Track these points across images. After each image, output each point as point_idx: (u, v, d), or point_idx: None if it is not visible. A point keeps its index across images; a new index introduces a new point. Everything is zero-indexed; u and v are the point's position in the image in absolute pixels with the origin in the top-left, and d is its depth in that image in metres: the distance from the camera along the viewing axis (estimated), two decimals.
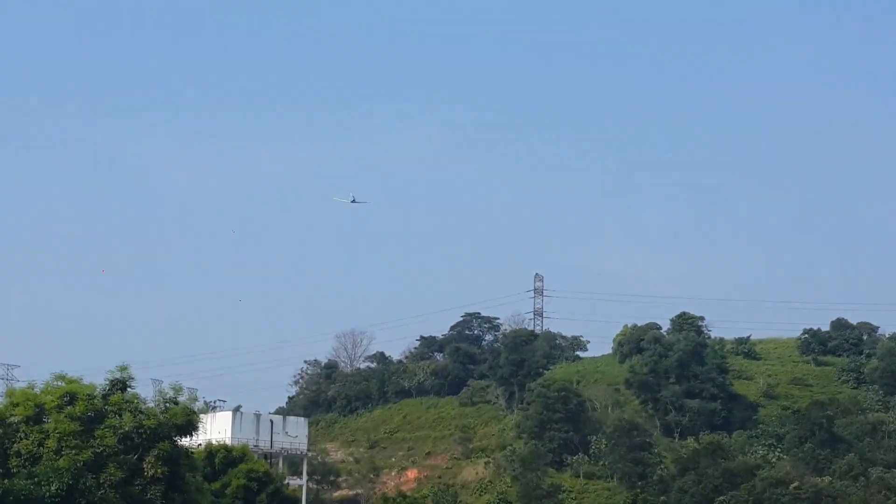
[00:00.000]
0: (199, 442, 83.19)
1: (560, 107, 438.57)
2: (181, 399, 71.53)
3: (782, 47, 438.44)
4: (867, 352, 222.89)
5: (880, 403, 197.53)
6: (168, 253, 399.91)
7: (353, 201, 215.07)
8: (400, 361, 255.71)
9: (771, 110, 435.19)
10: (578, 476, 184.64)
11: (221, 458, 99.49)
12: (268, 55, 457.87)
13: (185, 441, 72.31)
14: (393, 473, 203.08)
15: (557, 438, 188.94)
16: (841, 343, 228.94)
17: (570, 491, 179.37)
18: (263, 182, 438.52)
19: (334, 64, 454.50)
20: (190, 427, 70.69)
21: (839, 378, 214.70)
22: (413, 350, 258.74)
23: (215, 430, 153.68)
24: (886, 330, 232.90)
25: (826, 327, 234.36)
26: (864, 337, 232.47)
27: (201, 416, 76.71)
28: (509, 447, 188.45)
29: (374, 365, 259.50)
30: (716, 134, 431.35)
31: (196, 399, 76.25)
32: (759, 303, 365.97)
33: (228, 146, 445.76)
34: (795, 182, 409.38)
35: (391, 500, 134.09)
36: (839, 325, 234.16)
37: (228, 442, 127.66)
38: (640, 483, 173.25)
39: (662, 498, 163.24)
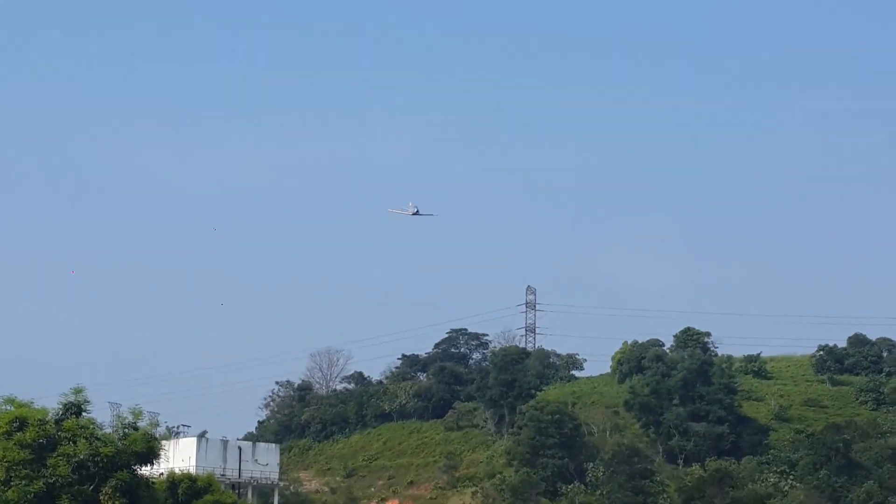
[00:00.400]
0: (160, 471, 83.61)
1: (555, 109, 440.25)
2: (141, 424, 72.02)
3: (794, 41, 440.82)
4: (887, 370, 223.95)
5: None
6: (129, 264, 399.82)
7: (417, 213, 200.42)
8: (380, 382, 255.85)
9: (781, 112, 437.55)
10: None
11: (185, 489, 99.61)
12: (260, 55, 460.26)
13: (145, 470, 72.69)
14: None
15: (551, 466, 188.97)
16: (859, 360, 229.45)
17: None
18: (236, 187, 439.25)
19: (320, 65, 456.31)
20: (151, 455, 71.15)
21: (857, 399, 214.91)
22: (394, 370, 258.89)
23: (178, 457, 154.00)
24: None
25: (843, 343, 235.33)
26: (884, 354, 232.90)
27: (163, 442, 77.06)
28: (499, 475, 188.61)
29: (351, 386, 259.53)
30: (722, 136, 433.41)
31: (157, 424, 76.68)
32: (770, 317, 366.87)
33: (203, 149, 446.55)
34: (809, 187, 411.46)
35: None
36: (857, 340, 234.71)
37: (193, 471, 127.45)
38: None
39: None
